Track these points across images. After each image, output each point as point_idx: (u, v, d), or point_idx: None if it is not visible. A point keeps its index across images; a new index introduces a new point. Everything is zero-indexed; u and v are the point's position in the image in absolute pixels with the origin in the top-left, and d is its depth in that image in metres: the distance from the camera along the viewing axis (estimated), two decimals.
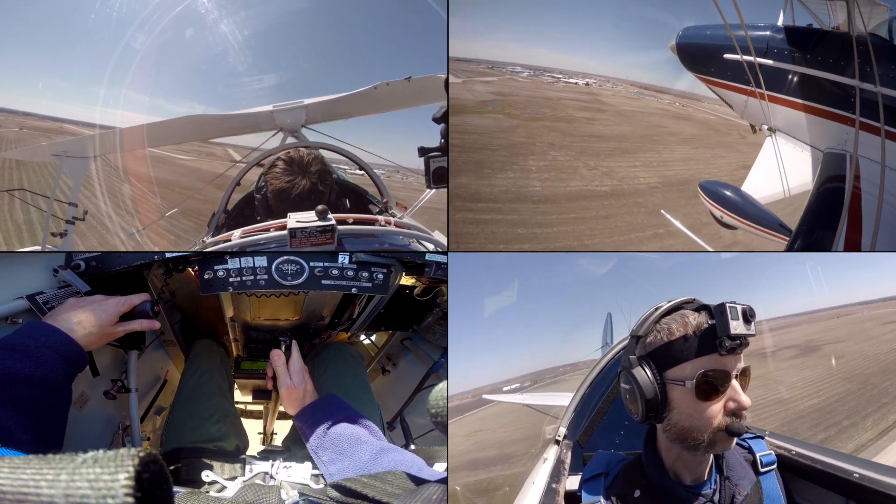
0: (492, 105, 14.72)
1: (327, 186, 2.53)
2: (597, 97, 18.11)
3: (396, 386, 3.37)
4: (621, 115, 16.11)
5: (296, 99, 3.89)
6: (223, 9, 4.23)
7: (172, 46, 4.38)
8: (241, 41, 4.39)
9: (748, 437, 1.48)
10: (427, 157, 2.23)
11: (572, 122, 14.46)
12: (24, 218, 10.63)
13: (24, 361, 1.45)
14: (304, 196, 2.44)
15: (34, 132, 25.19)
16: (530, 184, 9.70)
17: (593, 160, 11.30)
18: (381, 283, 2.20)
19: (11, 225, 10.93)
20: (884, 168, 3.39)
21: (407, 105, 4.12)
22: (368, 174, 3.44)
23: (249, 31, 4.42)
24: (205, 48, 4.55)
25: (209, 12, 4.20)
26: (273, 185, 2.48)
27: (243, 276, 2.09)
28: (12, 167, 15.14)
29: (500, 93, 16.40)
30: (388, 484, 1.54)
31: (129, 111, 4.46)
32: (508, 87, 17.71)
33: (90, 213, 4.26)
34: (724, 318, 1.19)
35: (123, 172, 4.73)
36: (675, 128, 15.21)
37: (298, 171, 2.47)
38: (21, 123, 27.28)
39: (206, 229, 3.27)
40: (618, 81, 19.97)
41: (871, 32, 3.53)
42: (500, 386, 12.02)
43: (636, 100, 19.09)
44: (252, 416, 3.88)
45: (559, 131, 13.12)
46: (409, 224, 2.61)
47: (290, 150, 2.63)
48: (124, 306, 1.77)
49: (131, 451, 0.55)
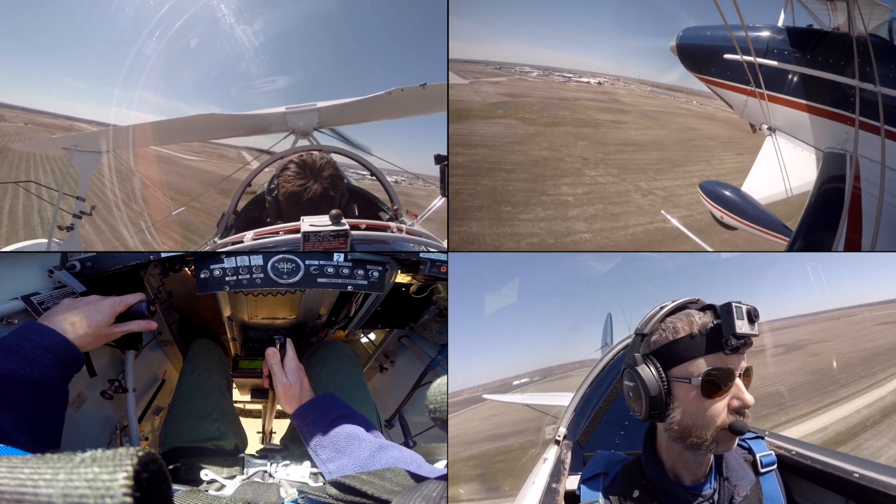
0: (503, 108, 13.43)
1: (339, 192, 2.53)
2: (613, 96, 17.11)
3: (394, 383, 3.36)
4: (647, 117, 14.87)
5: (308, 102, 3.88)
6: (237, 13, 4.25)
7: (185, 50, 4.40)
8: (254, 45, 4.41)
9: (748, 438, 1.48)
10: (443, 164, 2.26)
11: (598, 126, 12.85)
12: (32, 210, 10.60)
13: (20, 363, 1.44)
14: (315, 201, 2.43)
15: (38, 127, 24.97)
16: (574, 229, 6.96)
17: (643, 179, 9.32)
18: (377, 281, 2.20)
19: (18, 216, 10.90)
20: (884, 168, 3.39)
21: (421, 112, 4.10)
22: (380, 180, 3.42)
23: (263, 35, 4.43)
24: (218, 51, 4.57)
25: (225, 16, 4.22)
26: (285, 187, 2.47)
27: (239, 275, 2.09)
28: (22, 159, 15.12)
29: (510, 94, 15.24)
30: (388, 481, 1.54)
31: (143, 112, 4.48)
32: (519, 87, 16.56)
33: (98, 208, 4.26)
34: (730, 317, 1.21)
35: (134, 169, 4.74)
36: (707, 130, 14.06)
37: (311, 176, 2.47)
38: (28, 119, 27.13)
39: (215, 229, 3.26)
40: (628, 80, 19.28)
41: (871, 33, 3.53)
42: (510, 380, 11.92)
43: (652, 98, 18.10)
44: (251, 415, 3.88)
45: (587, 139, 11.32)
46: (420, 231, 2.61)
47: (303, 154, 2.62)
48: (120, 306, 1.76)
49: (130, 451, 0.55)
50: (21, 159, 15.84)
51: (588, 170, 9.43)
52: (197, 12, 4.08)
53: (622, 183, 8.92)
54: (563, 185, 8.37)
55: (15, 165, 15.70)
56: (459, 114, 11.58)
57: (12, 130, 23.87)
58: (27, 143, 10.21)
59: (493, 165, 8.88)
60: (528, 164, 9.25)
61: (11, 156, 16.36)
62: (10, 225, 10.51)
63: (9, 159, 16.32)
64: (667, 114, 15.62)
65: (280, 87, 4.80)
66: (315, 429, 1.91)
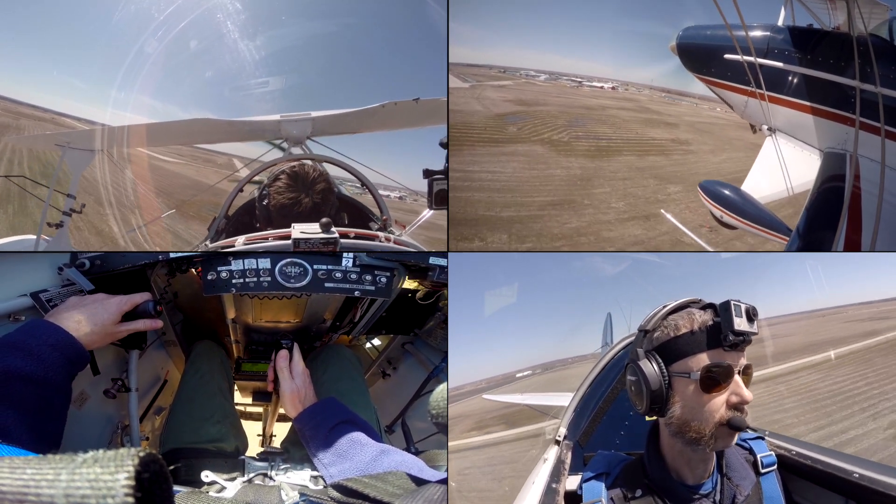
0: (515, 122, 9.43)
1: (330, 206, 2.53)
2: (639, 103, 14.00)
3: (397, 390, 3.36)
4: (701, 131, 11.36)
5: (303, 111, 3.89)
6: (234, 18, 4.27)
7: (183, 54, 4.41)
8: (252, 51, 4.43)
9: (749, 438, 1.49)
10: (431, 179, 2.29)
11: (665, 151, 8.79)
12: (21, 206, 10.54)
13: (25, 359, 1.45)
14: (305, 214, 2.44)
15: (21, 118, 24.20)
16: None
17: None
18: (385, 287, 2.20)
19: (7, 212, 10.84)
20: (884, 168, 3.39)
21: (413, 125, 4.13)
22: (370, 191, 3.44)
23: (262, 43, 4.45)
24: (216, 56, 4.59)
25: (223, 21, 4.24)
26: (276, 199, 2.47)
27: (246, 277, 2.09)
28: (13, 154, 14.89)
29: (521, 101, 11.66)
30: (389, 484, 1.55)
31: (139, 115, 4.48)
32: (528, 93, 13.25)
33: (88, 206, 4.26)
34: (729, 314, 1.23)
35: (126, 168, 4.74)
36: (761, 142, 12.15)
37: (302, 189, 2.47)
38: (18, 111, 26.67)
39: (205, 233, 3.27)
40: (637, 85, 17.13)
41: (871, 33, 3.53)
42: (513, 374, 11.97)
43: (674, 105, 15.05)
44: (251, 418, 3.88)
45: (670, 178, 7.08)
46: (408, 242, 2.61)
47: (295, 165, 2.62)
48: (126, 305, 1.77)
49: (131, 451, 0.55)
50: (12, 153, 15.48)
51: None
52: (196, 18, 4.09)
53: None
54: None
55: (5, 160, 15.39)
56: (455, 135, 7.45)
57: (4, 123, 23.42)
58: (19, 138, 10.15)
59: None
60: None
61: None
62: (3, 220, 10.45)
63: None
64: (713, 125, 11.92)
65: (274, 91, 4.80)
66: (317, 433, 1.92)
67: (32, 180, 5.25)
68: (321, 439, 1.90)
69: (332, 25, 5.44)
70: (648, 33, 23.15)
